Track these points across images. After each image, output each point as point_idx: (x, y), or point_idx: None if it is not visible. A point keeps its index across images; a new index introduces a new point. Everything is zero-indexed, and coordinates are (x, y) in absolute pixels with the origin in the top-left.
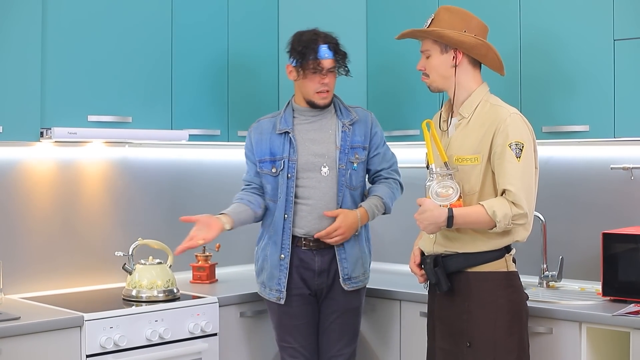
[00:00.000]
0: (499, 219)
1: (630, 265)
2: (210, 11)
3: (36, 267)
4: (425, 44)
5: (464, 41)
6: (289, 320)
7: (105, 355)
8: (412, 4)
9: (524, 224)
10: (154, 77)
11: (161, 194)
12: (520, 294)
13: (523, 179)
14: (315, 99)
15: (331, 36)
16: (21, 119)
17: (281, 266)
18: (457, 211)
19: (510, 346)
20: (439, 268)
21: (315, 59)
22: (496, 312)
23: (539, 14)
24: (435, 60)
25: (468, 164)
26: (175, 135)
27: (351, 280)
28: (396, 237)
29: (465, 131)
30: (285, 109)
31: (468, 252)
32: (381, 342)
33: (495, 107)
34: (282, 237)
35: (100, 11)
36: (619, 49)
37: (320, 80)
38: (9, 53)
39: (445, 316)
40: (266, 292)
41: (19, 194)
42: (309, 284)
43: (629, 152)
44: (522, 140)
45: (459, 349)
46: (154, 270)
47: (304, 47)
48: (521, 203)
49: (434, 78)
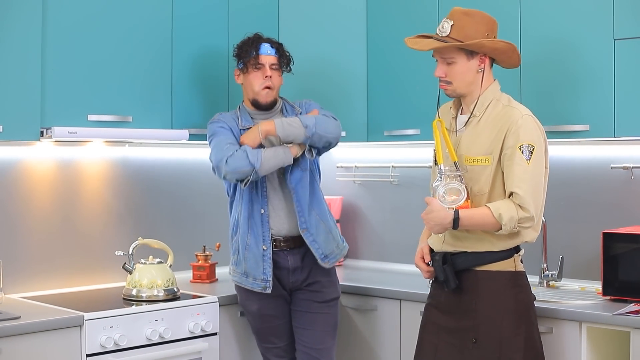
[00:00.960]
0: (504, 222)
1: (631, 265)
2: (210, 11)
3: (36, 267)
4: (449, 51)
5: (497, 48)
6: (272, 321)
7: (106, 355)
8: (412, 4)
9: (529, 227)
10: (154, 76)
11: (161, 193)
12: (528, 294)
13: (531, 182)
14: (259, 97)
15: (274, 39)
16: (21, 118)
17: (264, 257)
18: (464, 213)
19: (516, 345)
20: (448, 266)
21: (256, 55)
22: (503, 310)
23: (539, 13)
24: (461, 67)
25: (479, 165)
26: (175, 135)
27: (328, 257)
28: (396, 237)
29: (476, 130)
30: (239, 111)
31: (477, 252)
32: (381, 342)
33: (507, 107)
34: (262, 230)
35: (100, 11)
36: (619, 48)
37: (264, 74)
38: (9, 53)
39: (454, 312)
40: (249, 282)
41: (19, 193)
42: (283, 282)
43: (629, 152)
44: (532, 142)
45: (465, 345)
46: (154, 270)
47: (247, 45)
48: (528, 206)
49: (458, 85)
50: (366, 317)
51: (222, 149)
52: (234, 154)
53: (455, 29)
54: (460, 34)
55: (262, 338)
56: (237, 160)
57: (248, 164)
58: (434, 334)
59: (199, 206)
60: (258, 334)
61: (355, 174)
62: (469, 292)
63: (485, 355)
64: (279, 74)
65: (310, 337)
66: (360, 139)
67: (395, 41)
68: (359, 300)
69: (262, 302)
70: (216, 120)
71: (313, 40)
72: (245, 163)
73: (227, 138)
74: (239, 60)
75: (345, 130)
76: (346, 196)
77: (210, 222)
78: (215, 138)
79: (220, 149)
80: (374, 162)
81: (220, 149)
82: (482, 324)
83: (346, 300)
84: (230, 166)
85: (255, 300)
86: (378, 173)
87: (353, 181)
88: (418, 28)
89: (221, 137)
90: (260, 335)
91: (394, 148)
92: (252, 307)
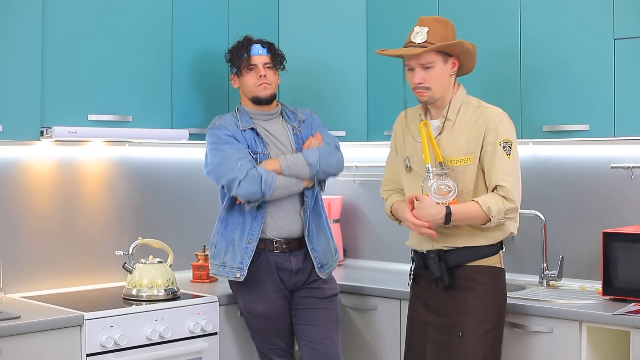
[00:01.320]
0: (493, 214)
1: (631, 265)
2: (210, 10)
3: (36, 266)
4: (428, 56)
5: (470, 49)
6: (277, 323)
7: (106, 355)
8: (411, 4)
9: (514, 217)
10: (154, 76)
11: (161, 193)
12: (505, 292)
13: (514, 175)
14: (257, 92)
15: (264, 39)
16: (21, 118)
17: (247, 248)
18: (455, 208)
19: (498, 339)
20: (442, 262)
21: (248, 57)
22: (490, 305)
23: (539, 12)
24: (439, 71)
25: (461, 165)
26: (175, 134)
27: (324, 267)
28: (396, 236)
29: (453, 133)
30: (237, 112)
31: (468, 246)
32: (381, 341)
33: (481, 108)
34: (251, 225)
35: (100, 10)
36: (619, 48)
37: (257, 74)
38: (9, 52)
39: (442, 308)
40: (225, 271)
41: (19, 193)
42: (286, 284)
43: (629, 151)
44: (510, 138)
45: (451, 340)
46: (154, 270)
47: (238, 49)
48: (513, 198)
49: (436, 90)
50: (366, 316)
51: (233, 167)
52: (248, 175)
53: (431, 35)
54: (436, 39)
55: (266, 339)
56: (251, 186)
57: (260, 191)
58: (421, 332)
59: (199, 206)
60: (262, 336)
61: (355, 173)
62: (459, 288)
63: (472, 347)
64: (273, 72)
65: (314, 332)
66: (360, 139)
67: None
68: (358, 300)
69: (269, 304)
70: (217, 126)
71: (313, 41)
72: (257, 190)
73: (236, 151)
74: (232, 65)
75: (345, 130)
76: (346, 196)
77: (210, 221)
78: (220, 148)
79: (231, 166)
80: (374, 162)
81: (231, 167)
82: (469, 317)
83: (346, 300)
84: (243, 189)
85: (262, 303)
86: (378, 173)
87: (353, 181)
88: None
89: (228, 151)
90: (264, 336)
91: None
92: (258, 309)
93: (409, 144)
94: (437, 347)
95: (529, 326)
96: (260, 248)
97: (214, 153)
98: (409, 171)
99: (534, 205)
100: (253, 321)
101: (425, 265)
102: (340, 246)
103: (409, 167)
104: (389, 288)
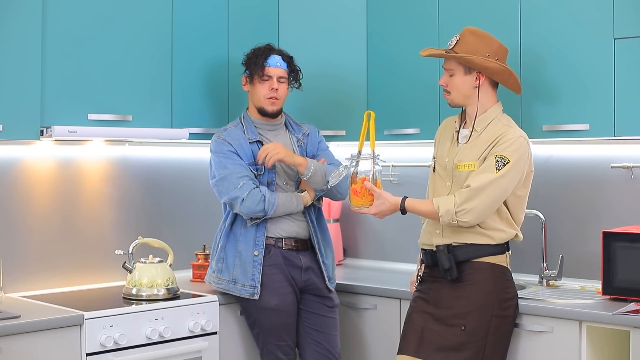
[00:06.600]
0: (441, 213)
1: (631, 264)
2: (210, 10)
3: (36, 266)
4: (449, 63)
5: (488, 67)
6: (287, 318)
7: (105, 354)
8: (412, 5)
9: (467, 221)
10: (154, 75)
11: (161, 192)
12: (514, 290)
13: (489, 188)
14: (265, 105)
15: (285, 51)
16: (21, 117)
17: (255, 262)
18: (409, 202)
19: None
20: (452, 255)
21: (263, 66)
22: (494, 300)
23: (539, 12)
24: (458, 80)
25: (465, 170)
26: (175, 134)
27: (331, 280)
28: (396, 236)
29: (475, 143)
30: (243, 121)
31: (475, 243)
32: (381, 340)
33: (506, 127)
34: (255, 235)
35: (100, 10)
36: (619, 47)
37: (270, 86)
38: (9, 52)
39: (443, 305)
40: (237, 289)
41: (19, 192)
42: (296, 280)
43: (629, 151)
44: (510, 157)
45: (453, 332)
46: (154, 269)
47: (256, 56)
48: (467, 204)
49: (455, 95)
50: (366, 315)
51: (234, 185)
52: (250, 194)
53: (459, 44)
54: (462, 49)
55: (275, 335)
56: (253, 205)
57: (263, 209)
58: (421, 320)
59: (199, 205)
60: (271, 331)
61: None
62: (465, 281)
63: (472, 341)
64: (286, 86)
65: (327, 341)
66: None
67: (395, 41)
68: (358, 299)
69: (281, 298)
70: (222, 140)
71: (313, 42)
72: (260, 208)
73: (238, 170)
74: (246, 69)
75: (345, 130)
76: None
77: (210, 221)
78: (224, 164)
79: (233, 184)
80: None
81: (233, 185)
82: (473, 311)
83: (346, 299)
84: (246, 207)
85: (274, 296)
86: None
87: None
88: (418, 29)
89: (231, 168)
90: (273, 331)
91: (393, 147)
92: (271, 303)
93: (440, 148)
94: (434, 336)
95: (529, 326)
96: (270, 244)
97: (217, 167)
98: (433, 171)
99: (534, 205)
100: (263, 316)
101: (434, 262)
102: (340, 246)
103: (434, 168)
104: (389, 288)
